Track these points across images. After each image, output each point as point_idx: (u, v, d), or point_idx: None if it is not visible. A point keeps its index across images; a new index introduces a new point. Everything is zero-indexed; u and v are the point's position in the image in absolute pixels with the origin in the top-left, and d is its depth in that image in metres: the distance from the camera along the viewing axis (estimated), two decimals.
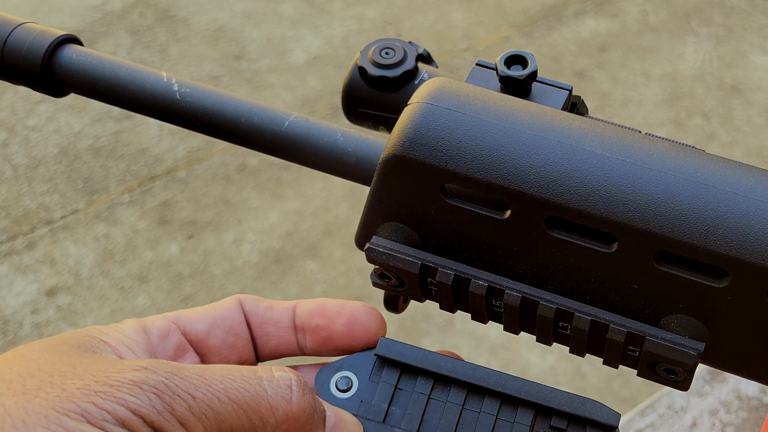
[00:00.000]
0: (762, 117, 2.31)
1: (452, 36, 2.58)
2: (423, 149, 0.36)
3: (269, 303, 0.40)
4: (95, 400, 0.29)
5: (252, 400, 0.32)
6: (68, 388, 0.29)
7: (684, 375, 0.36)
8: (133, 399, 0.29)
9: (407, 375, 0.39)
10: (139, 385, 0.30)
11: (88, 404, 0.29)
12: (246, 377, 0.33)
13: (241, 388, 0.32)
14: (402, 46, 0.47)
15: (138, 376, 0.30)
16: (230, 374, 0.32)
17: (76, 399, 0.29)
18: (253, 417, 0.32)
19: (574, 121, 0.36)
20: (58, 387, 0.29)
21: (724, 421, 1.00)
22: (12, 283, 1.92)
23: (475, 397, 0.38)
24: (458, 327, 1.81)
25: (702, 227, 0.33)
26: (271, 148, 0.45)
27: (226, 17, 2.65)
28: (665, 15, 2.64)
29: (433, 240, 0.38)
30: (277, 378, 0.33)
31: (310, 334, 0.40)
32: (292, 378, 0.34)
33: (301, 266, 1.95)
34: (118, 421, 0.29)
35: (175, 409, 0.30)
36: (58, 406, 0.29)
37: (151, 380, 0.30)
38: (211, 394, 0.31)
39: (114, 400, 0.29)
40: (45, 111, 2.33)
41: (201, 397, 0.31)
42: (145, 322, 0.38)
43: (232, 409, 0.31)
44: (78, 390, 0.29)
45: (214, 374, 0.32)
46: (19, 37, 0.47)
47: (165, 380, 0.30)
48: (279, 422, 0.33)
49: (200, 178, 2.16)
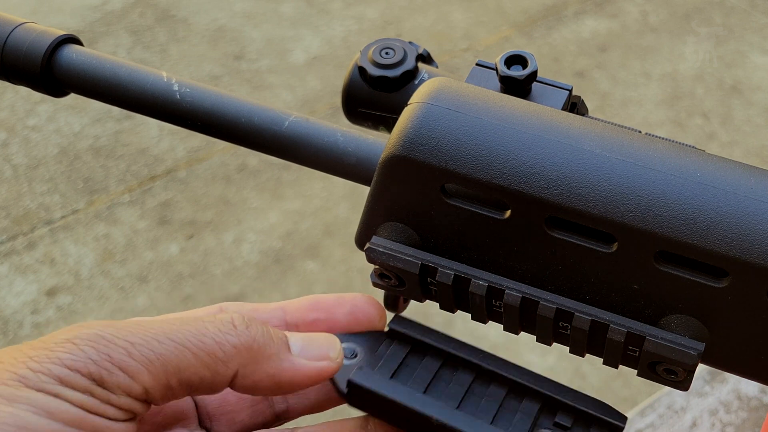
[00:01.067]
0: (762, 117, 2.31)
1: (452, 36, 2.58)
2: (423, 149, 0.36)
3: (253, 306, 0.40)
4: (30, 365, 0.29)
5: (195, 338, 0.32)
6: (5, 360, 0.29)
7: (684, 375, 0.36)
8: (67, 355, 0.29)
9: (415, 352, 0.39)
10: (72, 340, 0.30)
11: (24, 369, 0.29)
12: (186, 321, 0.33)
13: (181, 329, 0.32)
14: (402, 46, 0.47)
15: (72, 333, 0.30)
16: (168, 320, 0.32)
17: (12, 367, 0.29)
18: (199, 354, 0.32)
19: (574, 121, 0.36)
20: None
21: (724, 421, 1.00)
22: (12, 283, 1.92)
23: (481, 381, 0.38)
24: (458, 327, 1.81)
25: (702, 227, 0.33)
26: (271, 148, 0.45)
27: (226, 17, 2.65)
28: (665, 15, 2.64)
29: (433, 240, 0.38)
30: (219, 318, 0.33)
31: (307, 330, 0.39)
32: (234, 316, 0.34)
33: (301, 266, 1.95)
34: (55, 379, 0.29)
35: (113, 357, 0.30)
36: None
37: (85, 334, 0.30)
38: (149, 337, 0.31)
39: (49, 360, 0.29)
40: (45, 111, 2.33)
41: (139, 341, 0.31)
42: None
43: (175, 349, 0.31)
44: (14, 359, 0.29)
45: (152, 323, 0.32)
46: (19, 37, 0.47)
47: (99, 332, 0.30)
48: (229, 356, 0.33)
49: (200, 178, 2.16)
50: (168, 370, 0.31)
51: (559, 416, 0.37)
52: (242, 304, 0.40)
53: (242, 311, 0.39)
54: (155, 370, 0.31)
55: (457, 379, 0.38)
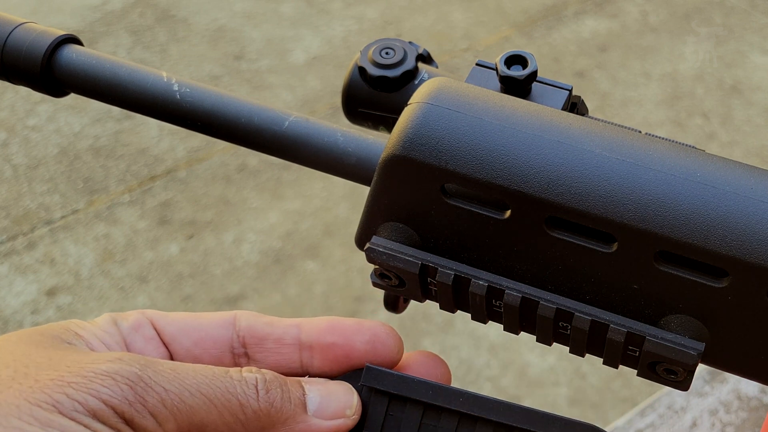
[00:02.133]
0: (762, 117, 2.31)
1: (452, 36, 2.58)
2: (423, 149, 0.36)
3: (269, 319, 0.39)
4: (68, 391, 0.29)
5: (222, 396, 0.33)
6: (41, 379, 0.29)
7: (684, 375, 0.36)
8: (105, 390, 0.30)
9: (395, 405, 0.38)
10: (112, 375, 0.30)
11: (61, 395, 0.29)
12: (217, 375, 0.33)
13: (212, 384, 0.33)
14: (402, 46, 0.47)
15: (111, 367, 0.30)
16: (202, 371, 0.33)
17: (48, 390, 0.29)
18: (223, 412, 0.33)
19: (574, 121, 0.36)
20: (31, 378, 0.30)
21: (724, 421, 1.00)
22: (12, 283, 1.92)
23: (466, 426, 0.38)
24: (458, 327, 1.81)
25: (702, 227, 0.33)
26: (271, 148, 0.45)
27: (226, 17, 2.65)
28: (665, 15, 2.64)
29: (433, 240, 0.38)
30: (245, 378, 0.34)
31: (322, 352, 0.38)
32: (258, 378, 0.34)
33: (301, 266, 1.95)
34: (89, 412, 0.29)
35: (147, 401, 0.30)
36: (31, 396, 0.29)
37: (125, 371, 0.30)
38: (183, 388, 0.32)
39: (86, 390, 0.29)
40: (45, 111, 2.33)
41: (173, 390, 0.31)
42: (117, 315, 0.38)
43: (203, 403, 0.32)
44: (51, 381, 0.29)
45: (187, 370, 0.33)
46: (19, 37, 0.47)
47: (138, 372, 0.31)
48: (248, 419, 0.33)
49: (200, 178, 2.16)
50: (192, 422, 0.32)
51: None
52: (258, 315, 0.39)
53: (257, 324, 0.39)
54: (181, 421, 0.31)
55: (442, 425, 0.38)
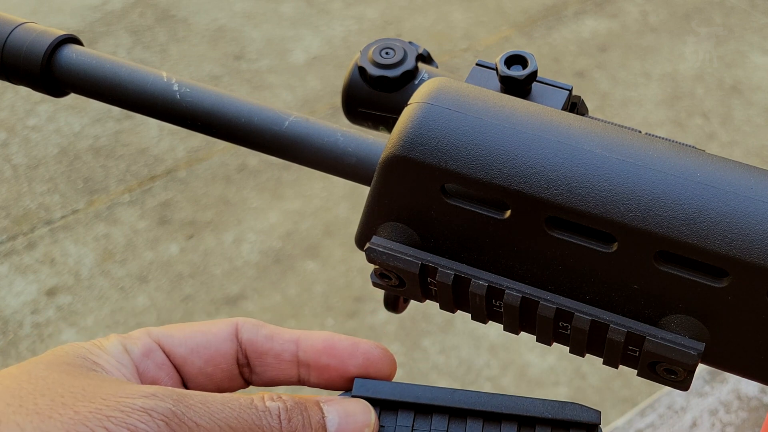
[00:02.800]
0: (762, 117, 2.31)
1: (452, 36, 2.58)
2: (423, 149, 0.36)
3: (269, 331, 0.40)
4: (107, 425, 0.31)
5: (249, 429, 0.34)
6: (81, 411, 0.31)
7: (684, 375, 0.36)
8: (143, 426, 0.31)
9: (387, 411, 0.39)
10: (149, 412, 0.32)
11: (101, 429, 0.31)
12: (243, 407, 0.35)
13: (240, 417, 0.34)
14: (402, 46, 0.47)
15: (147, 403, 0.32)
16: (230, 403, 0.35)
17: (89, 422, 0.31)
18: None
19: (574, 121, 0.36)
20: (70, 409, 0.31)
21: (724, 421, 1.00)
22: (12, 283, 1.92)
23: (457, 420, 0.38)
24: (458, 327, 1.81)
25: (702, 227, 0.33)
26: (272, 148, 0.45)
27: (226, 17, 2.65)
28: (665, 15, 2.64)
29: (433, 240, 0.38)
30: (269, 408, 0.35)
31: (317, 371, 0.40)
32: (280, 407, 0.36)
33: (301, 266, 1.95)
34: None
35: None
36: (73, 428, 0.30)
37: (160, 407, 0.32)
38: (213, 422, 0.33)
39: (125, 426, 0.31)
40: (45, 111, 2.33)
41: (204, 425, 0.33)
42: (126, 339, 0.38)
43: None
44: (90, 414, 0.31)
45: (215, 403, 0.34)
46: (19, 37, 0.47)
47: (172, 408, 0.32)
48: None
49: (200, 178, 2.16)
50: None
51: (538, 429, 0.38)
52: (258, 326, 0.41)
53: (257, 339, 0.40)
54: None
55: (434, 427, 0.38)
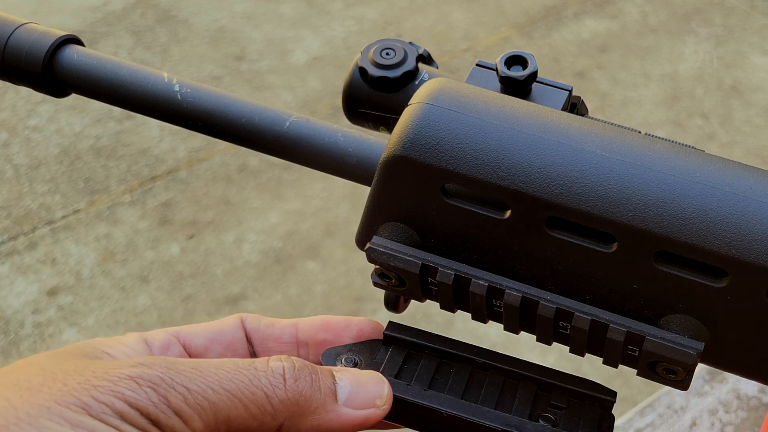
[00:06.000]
0: (762, 117, 2.31)
1: (452, 36, 2.58)
2: (423, 149, 0.36)
3: (270, 320, 0.42)
4: (95, 394, 0.30)
5: (247, 389, 0.33)
6: (69, 383, 0.31)
7: (683, 374, 0.36)
8: (130, 393, 0.31)
9: (412, 354, 0.40)
10: (136, 379, 0.31)
11: (88, 398, 0.30)
12: (241, 368, 0.34)
13: (235, 378, 0.33)
14: (402, 47, 0.47)
15: (134, 371, 0.32)
16: (225, 366, 0.34)
17: (76, 393, 0.30)
18: (249, 406, 0.33)
19: (574, 122, 0.36)
20: (60, 382, 0.31)
21: (724, 420, 1.00)
22: (13, 283, 1.92)
23: (479, 373, 0.40)
24: (458, 327, 1.81)
25: (701, 227, 0.33)
26: (272, 148, 0.45)
27: (227, 18, 2.65)
28: (665, 15, 2.64)
29: (434, 240, 0.38)
30: (272, 367, 0.34)
31: (315, 348, 0.41)
32: (285, 366, 0.35)
33: (302, 266, 1.95)
34: (116, 413, 0.30)
35: (171, 401, 0.31)
36: (60, 399, 0.30)
37: (147, 375, 0.32)
38: (205, 385, 0.32)
39: (112, 393, 0.31)
40: (46, 111, 2.33)
41: (195, 389, 0.32)
42: (146, 335, 0.39)
43: (227, 399, 0.33)
44: (78, 384, 0.31)
45: (209, 367, 0.33)
46: (20, 37, 0.47)
47: (160, 374, 0.32)
48: (277, 409, 0.34)
49: (201, 178, 2.16)
50: (218, 418, 0.32)
51: (554, 397, 0.39)
52: (259, 318, 0.42)
53: (259, 326, 0.41)
54: (207, 418, 0.32)
55: (456, 374, 0.39)
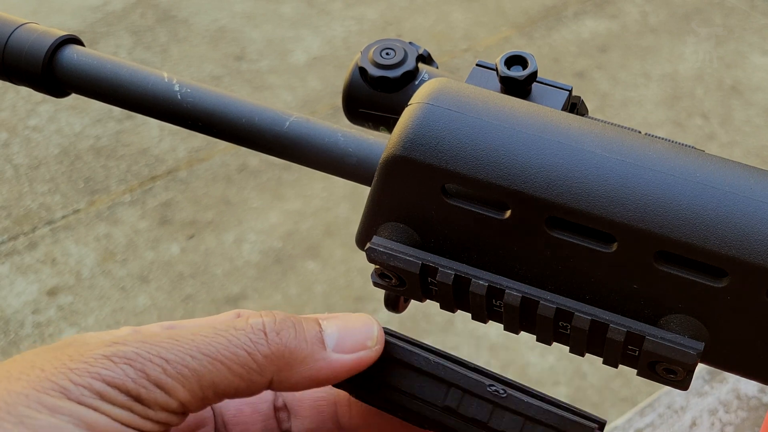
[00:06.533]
0: (761, 117, 2.31)
1: (452, 36, 2.58)
2: (423, 149, 0.36)
3: None
4: (71, 377, 0.30)
5: (227, 350, 0.32)
6: (46, 369, 0.30)
7: (683, 374, 0.36)
8: (106, 372, 0.30)
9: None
10: (111, 358, 0.31)
11: (66, 381, 0.30)
12: (219, 330, 0.33)
13: (214, 341, 0.32)
14: (402, 47, 0.47)
15: (109, 350, 0.31)
16: (201, 331, 0.33)
17: (53, 377, 0.30)
18: (232, 367, 0.32)
19: (574, 122, 0.36)
20: (37, 369, 0.30)
21: (724, 420, 1.00)
22: (13, 283, 1.92)
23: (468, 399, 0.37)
24: (458, 327, 1.81)
25: (701, 227, 0.33)
26: (272, 148, 0.45)
27: (227, 18, 2.65)
28: (665, 15, 2.64)
29: (434, 240, 0.38)
30: (251, 324, 0.34)
31: None
32: (265, 321, 0.34)
33: (302, 266, 1.95)
34: (96, 393, 0.30)
35: (149, 375, 0.31)
36: (38, 385, 0.30)
37: (122, 351, 0.31)
38: (183, 353, 0.32)
39: (89, 374, 0.30)
40: (46, 111, 2.33)
41: (173, 358, 0.31)
42: (138, 328, 0.38)
43: (209, 364, 0.32)
44: (55, 369, 0.30)
45: (186, 334, 0.32)
46: (20, 37, 0.47)
47: (135, 349, 0.31)
48: (262, 366, 0.33)
49: (201, 178, 2.16)
50: (203, 384, 0.32)
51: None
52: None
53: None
54: (190, 386, 0.31)
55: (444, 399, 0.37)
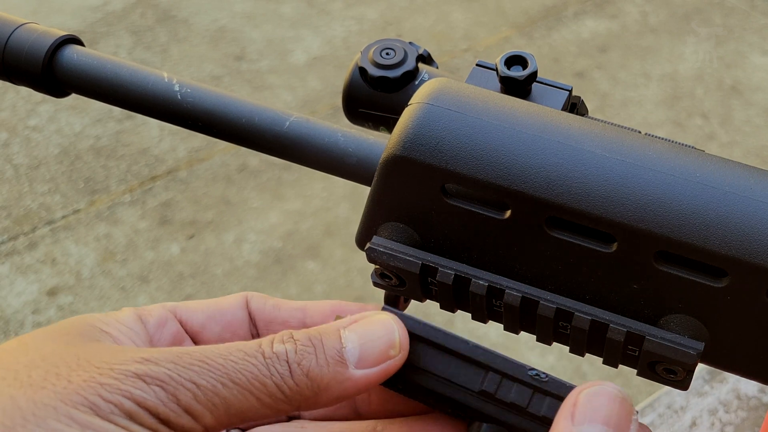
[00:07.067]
0: (761, 117, 2.31)
1: (452, 36, 2.58)
2: (423, 149, 0.36)
3: (276, 302, 0.40)
4: (102, 393, 0.29)
5: (257, 380, 0.32)
6: (74, 380, 0.29)
7: (683, 374, 0.36)
8: (138, 392, 0.30)
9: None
10: (143, 378, 0.30)
11: (96, 397, 0.29)
12: (248, 356, 0.32)
13: (244, 370, 0.32)
14: (402, 47, 0.47)
15: (140, 368, 0.30)
16: (232, 355, 0.32)
17: (83, 391, 0.29)
18: (261, 398, 0.32)
19: (574, 122, 0.36)
20: (64, 378, 0.30)
21: (724, 420, 1.00)
22: (13, 283, 1.92)
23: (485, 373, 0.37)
24: (458, 327, 1.81)
25: (701, 227, 0.33)
26: (272, 148, 0.45)
27: (227, 18, 2.65)
28: (665, 15, 2.64)
29: (434, 240, 0.38)
30: (276, 353, 0.33)
31: None
32: (288, 349, 0.33)
33: (302, 266, 1.95)
34: (125, 413, 0.29)
35: (180, 399, 0.30)
36: (67, 398, 0.29)
37: (154, 372, 0.30)
38: (214, 380, 0.31)
39: (120, 393, 0.29)
40: (46, 111, 2.33)
41: (205, 384, 0.31)
42: (142, 311, 0.38)
43: (239, 393, 0.31)
44: (84, 382, 0.29)
45: (216, 357, 0.32)
46: (20, 37, 0.47)
47: (168, 371, 0.30)
48: (290, 397, 0.32)
49: (201, 178, 2.16)
50: (230, 413, 0.31)
51: None
52: (266, 297, 0.40)
53: (265, 307, 0.40)
54: (218, 414, 0.31)
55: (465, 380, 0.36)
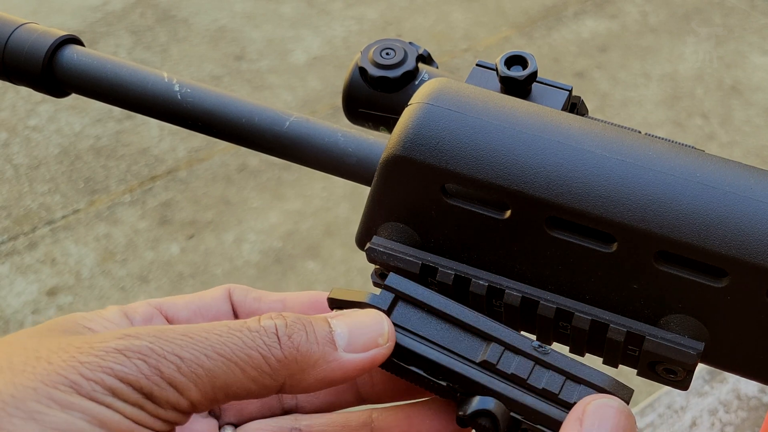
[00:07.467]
0: (761, 117, 2.31)
1: (452, 36, 2.58)
2: (423, 149, 0.36)
3: (258, 294, 0.40)
4: (82, 371, 0.29)
5: (242, 352, 0.31)
6: (54, 361, 0.29)
7: (683, 374, 0.36)
8: (119, 366, 0.29)
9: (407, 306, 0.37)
10: (124, 352, 0.29)
11: (76, 375, 0.29)
12: (233, 330, 0.32)
13: (228, 342, 0.31)
14: (402, 47, 0.47)
15: (121, 343, 0.30)
16: (217, 330, 0.32)
17: (63, 371, 0.29)
18: (247, 369, 0.31)
19: (574, 122, 0.36)
20: (44, 361, 0.29)
21: (724, 420, 1.00)
22: (13, 283, 1.92)
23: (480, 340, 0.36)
24: None
25: (701, 227, 0.33)
26: (272, 148, 0.45)
27: (227, 18, 2.65)
28: (665, 15, 2.64)
29: (434, 240, 0.38)
30: (264, 327, 0.33)
31: None
32: (278, 324, 0.33)
33: (302, 266, 1.95)
34: (107, 390, 0.29)
35: (163, 372, 0.30)
36: (47, 378, 0.28)
37: (135, 346, 0.30)
38: (198, 352, 0.31)
39: (101, 369, 0.29)
40: (46, 111, 2.33)
41: (188, 356, 0.30)
42: (127, 308, 0.37)
43: (223, 364, 0.31)
44: (64, 362, 0.29)
45: (200, 332, 0.31)
46: (20, 37, 0.47)
47: (149, 344, 0.30)
48: (275, 370, 0.32)
49: (201, 178, 2.16)
50: (216, 385, 0.31)
51: None
52: (248, 290, 0.40)
53: (246, 300, 0.40)
54: (203, 386, 0.30)
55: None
